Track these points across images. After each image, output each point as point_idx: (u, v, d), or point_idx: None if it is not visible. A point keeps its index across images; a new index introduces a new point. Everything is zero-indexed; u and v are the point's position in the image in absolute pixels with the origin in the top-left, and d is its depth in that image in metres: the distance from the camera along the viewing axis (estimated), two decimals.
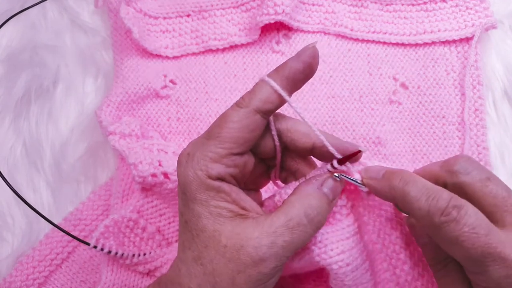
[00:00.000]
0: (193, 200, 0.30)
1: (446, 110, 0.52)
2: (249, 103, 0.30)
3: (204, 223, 0.29)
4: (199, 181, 0.29)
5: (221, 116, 0.31)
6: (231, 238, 0.29)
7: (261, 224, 0.29)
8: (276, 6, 0.51)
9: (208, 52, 0.55)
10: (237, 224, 0.29)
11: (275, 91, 0.30)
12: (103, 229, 0.44)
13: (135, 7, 0.55)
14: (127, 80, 0.53)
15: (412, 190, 0.29)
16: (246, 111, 0.30)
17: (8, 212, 0.51)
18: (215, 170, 0.29)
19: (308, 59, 0.30)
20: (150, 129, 0.52)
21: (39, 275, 0.48)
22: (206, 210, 0.29)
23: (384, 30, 0.54)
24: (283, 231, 0.29)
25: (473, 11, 0.53)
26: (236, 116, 0.30)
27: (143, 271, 0.45)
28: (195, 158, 0.30)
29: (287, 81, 0.31)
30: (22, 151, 0.54)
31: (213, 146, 0.30)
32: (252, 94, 0.30)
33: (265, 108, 0.30)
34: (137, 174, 0.45)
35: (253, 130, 0.30)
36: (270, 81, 0.30)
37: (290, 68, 0.30)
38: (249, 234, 0.29)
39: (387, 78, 0.53)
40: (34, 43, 0.56)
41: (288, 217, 0.29)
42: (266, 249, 0.28)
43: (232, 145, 0.30)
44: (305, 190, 0.31)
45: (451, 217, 0.28)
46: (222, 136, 0.30)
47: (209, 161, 0.29)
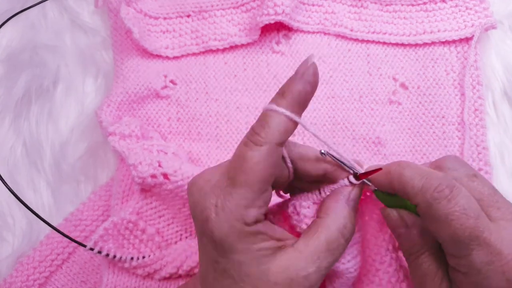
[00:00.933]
0: (233, 250, 0.29)
1: (445, 110, 0.52)
2: (267, 138, 0.28)
3: (249, 269, 0.29)
4: (237, 232, 0.28)
5: (240, 159, 0.29)
6: (279, 274, 0.29)
7: (304, 252, 0.29)
8: (276, 7, 0.51)
9: (208, 52, 0.55)
10: (281, 258, 0.29)
11: (291, 119, 0.29)
12: (103, 231, 0.44)
13: (135, 8, 0.55)
14: (127, 80, 0.53)
15: (407, 171, 0.30)
16: (268, 148, 0.28)
17: (9, 212, 0.51)
18: (251, 216, 0.28)
19: (313, 78, 0.29)
20: (150, 129, 0.52)
21: (39, 276, 0.48)
22: (249, 256, 0.29)
23: (384, 30, 0.54)
24: (325, 255, 0.29)
25: (473, 12, 0.53)
26: (258, 157, 0.28)
27: (142, 274, 0.45)
28: (227, 209, 0.28)
29: (298, 106, 0.29)
30: (22, 151, 0.54)
31: (244, 193, 0.28)
32: (267, 128, 0.29)
33: (284, 139, 0.29)
34: (136, 175, 0.45)
35: (277, 163, 0.29)
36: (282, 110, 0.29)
37: (299, 92, 0.29)
38: (296, 266, 0.29)
39: (387, 78, 0.54)
40: (34, 43, 0.56)
41: (328, 241, 0.29)
42: (314, 275, 0.29)
43: (261, 186, 0.28)
44: (336, 209, 0.31)
45: (443, 194, 0.28)
46: (251, 180, 0.28)
47: (243, 209, 0.28)
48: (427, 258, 0.32)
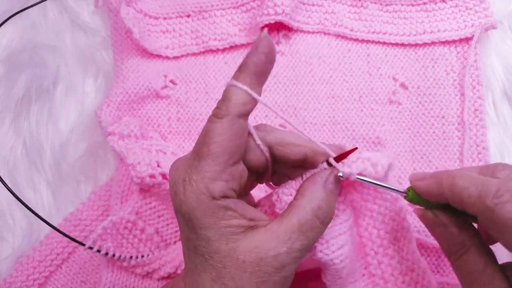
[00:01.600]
0: (201, 225, 0.29)
1: (445, 110, 0.52)
2: (227, 110, 0.29)
3: (217, 246, 0.29)
4: (204, 206, 0.28)
5: (203, 134, 0.29)
6: (249, 253, 0.28)
7: (275, 232, 0.29)
8: (276, 7, 0.51)
9: (208, 52, 0.55)
10: (251, 237, 0.29)
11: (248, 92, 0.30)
12: (101, 231, 0.44)
13: (135, 8, 0.55)
14: (127, 80, 0.53)
15: (460, 180, 0.30)
16: (229, 119, 0.29)
17: (9, 212, 0.51)
18: (217, 189, 0.29)
19: (267, 49, 0.30)
20: (150, 129, 0.52)
21: (39, 276, 0.48)
22: (217, 232, 0.29)
23: (384, 30, 0.54)
24: (298, 236, 0.29)
25: (473, 12, 0.53)
26: (220, 128, 0.29)
27: (141, 273, 0.45)
28: (193, 182, 0.29)
29: (255, 76, 0.30)
30: (23, 151, 0.54)
31: (208, 166, 0.29)
32: (227, 101, 0.29)
33: (245, 110, 0.30)
34: (135, 175, 0.45)
35: (241, 135, 0.30)
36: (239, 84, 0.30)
37: (254, 64, 0.30)
38: (266, 245, 0.29)
39: (386, 78, 0.54)
40: (34, 43, 0.56)
41: (301, 221, 0.29)
42: (285, 256, 0.29)
43: (226, 157, 0.29)
44: (311, 190, 0.31)
45: (504, 198, 0.28)
46: (213, 152, 0.29)
47: (209, 181, 0.28)
48: (472, 255, 0.31)
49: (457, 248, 0.32)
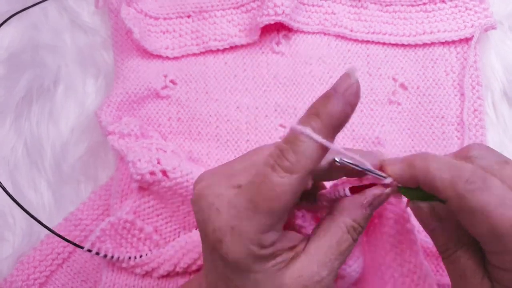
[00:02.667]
0: (249, 270, 0.27)
1: (445, 110, 0.52)
2: (299, 166, 0.25)
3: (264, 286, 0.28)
4: (254, 255, 0.27)
5: (268, 185, 0.26)
6: (294, 285, 0.28)
7: (315, 256, 0.28)
8: (276, 7, 0.51)
9: (209, 52, 0.55)
10: (293, 267, 0.28)
11: (324, 145, 0.26)
12: (100, 233, 0.44)
13: (136, 8, 0.55)
14: (128, 81, 0.53)
15: (433, 164, 0.28)
16: (299, 177, 0.25)
17: (9, 212, 0.52)
18: (269, 240, 0.27)
19: (355, 99, 0.26)
20: (150, 129, 0.52)
21: (40, 275, 0.48)
22: (265, 274, 0.27)
23: (383, 30, 0.54)
24: (336, 256, 0.29)
25: (473, 12, 0.53)
26: (288, 186, 0.25)
27: (140, 273, 0.45)
28: (244, 234, 0.26)
29: (334, 130, 0.26)
30: (23, 151, 0.54)
31: (265, 220, 0.26)
32: (300, 155, 0.25)
33: (316, 167, 0.26)
34: (135, 172, 0.45)
35: (304, 189, 0.27)
36: (316, 137, 0.25)
37: (338, 115, 0.26)
38: (309, 272, 0.28)
39: (386, 78, 0.54)
40: (35, 43, 0.57)
41: (339, 242, 0.29)
42: (327, 279, 0.28)
43: (285, 213, 0.27)
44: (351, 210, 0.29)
45: (476, 185, 0.26)
46: (275, 209, 0.26)
47: (261, 233, 0.26)
48: (465, 252, 0.30)
49: (453, 243, 0.30)
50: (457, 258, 0.30)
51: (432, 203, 0.30)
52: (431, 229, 0.31)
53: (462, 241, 0.30)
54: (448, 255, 0.30)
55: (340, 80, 0.26)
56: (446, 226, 0.30)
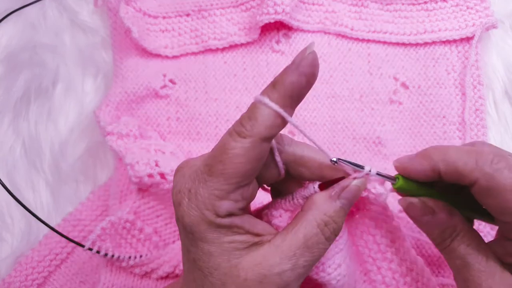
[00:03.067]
0: (203, 239, 0.27)
1: (446, 109, 0.51)
2: (251, 131, 0.26)
3: (218, 261, 0.27)
4: (207, 221, 0.27)
5: (221, 148, 0.27)
6: (251, 270, 0.27)
7: (280, 247, 0.28)
8: (276, 6, 0.51)
9: (208, 51, 0.55)
10: (254, 253, 0.28)
11: (280, 114, 0.27)
12: (100, 231, 0.44)
13: (135, 7, 0.55)
14: (127, 80, 0.53)
15: (453, 152, 0.29)
16: (251, 141, 0.26)
17: (7, 213, 0.51)
18: (223, 208, 0.27)
19: (310, 69, 0.27)
20: (149, 129, 0.52)
21: (38, 276, 0.48)
22: (219, 247, 0.27)
23: (384, 29, 0.54)
24: (303, 252, 0.28)
25: (474, 11, 0.53)
26: (240, 148, 0.26)
27: (139, 273, 0.45)
28: (199, 196, 0.27)
29: (290, 99, 0.27)
30: (22, 151, 0.53)
31: (218, 183, 0.27)
32: (253, 120, 0.27)
33: (271, 134, 0.27)
34: (133, 175, 0.45)
35: (260, 159, 0.27)
36: (271, 104, 0.27)
37: (292, 84, 0.27)
38: (270, 261, 0.27)
39: (387, 77, 0.53)
40: (33, 43, 0.56)
41: (306, 237, 0.28)
42: (289, 273, 0.27)
43: (239, 179, 0.27)
44: (320, 204, 0.29)
45: (502, 164, 0.28)
46: (228, 172, 0.26)
47: (216, 199, 0.27)
48: (464, 238, 0.30)
49: (449, 232, 0.31)
50: (455, 247, 0.30)
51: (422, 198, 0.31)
52: (424, 224, 0.31)
53: (458, 228, 0.31)
54: (446, 246, 0.31)
55: (299, 53, 0.27)
56: (440, 218, 0.31)
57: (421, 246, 0.46)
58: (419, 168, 0.30)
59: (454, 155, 0.29)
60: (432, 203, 0.31)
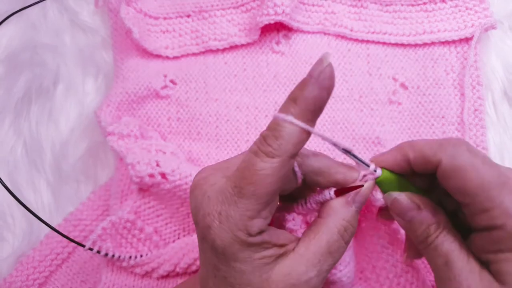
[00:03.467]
0: (235, 259, 0.28)
1: (445, 110, 0.52)
2: (279, 150, 0.27)
3: (250, 278, 0.28)
4: (240, 242, 0.27)
5: (250, 169, 0.27)
6: (281, 282, 0.28)
7: (305, 256, 0.29)
8: (276, 7, 0.51)
9: (208, 52, 0.55)
10: (282, 264, 0.28)
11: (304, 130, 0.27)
12: (101, 231, 0.44)
13: (135, 7, 0.55)
14: (127, 80, 0.53)
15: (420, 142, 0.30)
16: (280, 160, 0.27)
17: (9, 212, 0.51)
18: (256, 227, 0.27)
19: (329, 82, 0.27)
20: (149, 129, 0.52)
21: (39, 275, 0.48)
22: (251, 265, 0.28)
23: (383, 30, 0.54)
24: (326, 258, 0.29)
25: (473, 12, 0.53)
26: (269, 169, 0.26)
27: (140, 272, 0.45)
28: (230, 218, 0.27)
29: (312, 114, 0.27)
30: (23, 151, 0.54)
31: (250, 205, 0.27)
32: (280, 139, 0.27)
33: (297, 150, 0.27)
34: (134, 174, 0.45)
35: (288, 176, 0.28)
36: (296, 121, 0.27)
37: (314, 99, 0.27)
38: (297, 271, 0.28)
39: (386, 78, 0.53)
40: (34, 43, 0.56)
41: (328, 243, 0.29)
42: (315, 280, 0.28)
43: (269, 198, 0.27)
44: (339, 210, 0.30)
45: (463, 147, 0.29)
46: (259, 193, 0.27)
47: (248, 220, 0.27)
48: (448, 235, 0.30)
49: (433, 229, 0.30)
50: (439, 243, 0.30)
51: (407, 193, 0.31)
52: (408, 220, 0.31)
53: (441, 225, 0.30)
54: (430, 243, 0.30)
55: (315, 65, 0.27)
56: (424, 214, 0.31)
57: None
58: (391, 159, 0.31)
59: (421, 143, 0.30)
60: (418, 199, 0.31)
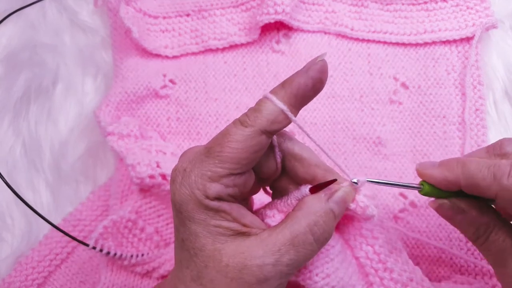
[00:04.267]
0: (190, 219, 0.28)
1: (446, 110, 0.51)
2: (254, 122, 0.28)
3: (203, 243, 0.28)
4: (196, 201, 0.28)
5: (223, 133, 0.29)
6: (233, 257, 0.28)
7: (265, 241, 0.28)
8: (276, 6, 0.51)
9: (208, 51, 0.55)
10: (239, 242, 0.28)
11: (283, 112, 0.29)
12: (102, 230, 0.44)
13: (135, 7, 0.55)
14: (127, 80, 0.53)
15: (472, 165, 0.30)
16: (251, 130, 0.28)
17: (8, 213, 0.51)
18: (213, 190, 0.28)
19: (318, 75, 0.29)
20: (149, 129, 0.52)
21: (38, 276, 0.48)
22: (205, 229, 0.28)
23: (384, 29, 0.54)
24: (288, 249, 0.28)
25: (474, 11, 0.53)
26: (240, 136, 0.28)
27: (141, 272, 0.45)
28: (192, 175, 0.28)
29: (295, 99, 0.29)
30: (22, 151, 0.53)
31: (213, 165, 0.28)
32: (258, 112, 0.29)
33: (271, 129, 0.29)
34: (135, 176, 0.45)
35: (257, 151, 0.29)
36: (276, 101, 0.28)
37: (299, 85, 0.29)
38: (253, 252, 0.28)
39: (387, 77, 0.53)
40: (33, 43, 0.56)
41: (293, 234, 0.28)
42: (270, 268, 0.28)
43: (233, 165, 0.28)
44: (311, 204, 0.30)
45: None
46: (224, 155, 0.28)
47: (207, 180, 0.28)
48: (498, 234, 0.31)
49: (483, 229, 0.31)
50: (492, 242, 0.31)
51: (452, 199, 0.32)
52: (458, 222, 0.32)
53: (492, 224, 0.31)
54: (482, 242, 0.32)
55: (310, 60, 0.29)
56: (472, 216, 0.31)
57: (421, 246, 0.46)
58: (439, 177, 0.32)
59: (473, 168, 0.30)
60: (462, 203, 0.32)
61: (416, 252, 0.46)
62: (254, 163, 0.30)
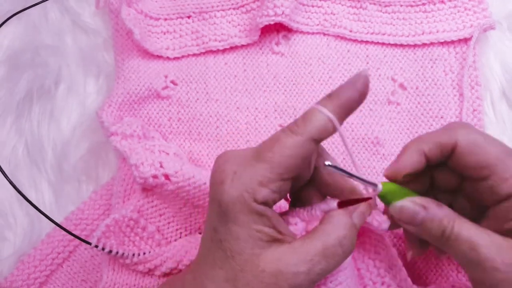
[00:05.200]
0: (234, 220, 0.29)
1: (444, 110, 0.52)
2: (304, 130, 0.30)
3: (243, 246, 0.29)
4: (244, 203, 0.29)
5: (273, 140, 0.30)
6: (269, 263, 0.29)
7: (298, 250, 0.29)
8: (276, 8, 0.51)
9: (209, 53, 0.55)
10: (275, 249, 0.29)
11: (331, 121, 0.30)
12: (104, 228, 0.44)
13: (136, 8, 0.55)
14: (128, 81, 0.53)
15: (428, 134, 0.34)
16: (301, 139, 0.29)
17: (10, 212, 0.52)
18: (261, 195, 0.29)
19: (363, 88, 0.30)
20: (151, 129, 0.52)
21: (40, 274, 0.48)
22: (247, 233, 0.29)
23: (383, 31, 0.54)
24: (319, 260, 0.29)
25: (472, 12, 0.54)
26: (290, 143, 0.29)
27: (143, 270, 0.46)
28: (243, 178, 0.29)
29: (342, 110, 0.30)
30: (24, 151, 0.54)
31: (263, 170, 0.29)
32: (307, 121, 0.30)
33: (319, 137, 0.30)
34: (138, 175, 0.45)
35: (305, 158, 0.30)
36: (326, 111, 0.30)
37: (347, 97, 0.30)
38: (288, 260, 0.29)
39: (385, 78, 0.54)
40: (35, 44, 0.57)
41: (324, 246, 0.29)
42: (304, 276, 0.29)
43: (283, 171, 0.29)
44: (339, 219, 0.31)
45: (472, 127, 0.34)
46: (275, 161, 0.29)
47: (257, 184, 0.29)
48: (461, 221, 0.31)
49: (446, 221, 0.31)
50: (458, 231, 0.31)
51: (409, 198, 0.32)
52: (419, 223, 0.32)
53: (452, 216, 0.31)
54: (448, 235, 0.31)
55: (354, 75, 0.31)
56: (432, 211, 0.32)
57: None
58: (408, 160, 0.33)
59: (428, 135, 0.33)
60: (420, 200, 0.32)
61: None
62: (300, 170, 0.31)
